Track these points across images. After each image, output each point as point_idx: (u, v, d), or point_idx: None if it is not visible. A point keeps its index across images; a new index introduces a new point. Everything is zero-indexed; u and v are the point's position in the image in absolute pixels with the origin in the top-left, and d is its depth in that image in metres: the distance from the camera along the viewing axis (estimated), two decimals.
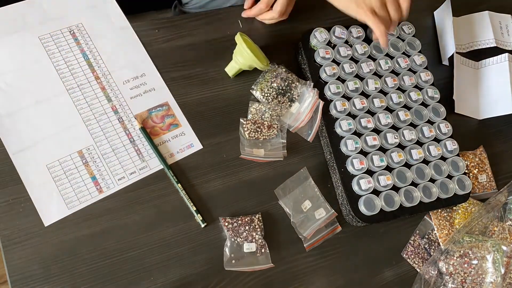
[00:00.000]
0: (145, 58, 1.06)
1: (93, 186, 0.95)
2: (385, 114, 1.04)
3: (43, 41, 1.02)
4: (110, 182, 0.96)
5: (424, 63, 1.11)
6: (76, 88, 1.00)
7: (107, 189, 0.95)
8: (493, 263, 0.96)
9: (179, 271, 0.93)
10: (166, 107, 1.03)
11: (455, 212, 1.07)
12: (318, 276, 0.99)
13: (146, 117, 1.02)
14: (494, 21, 1.28)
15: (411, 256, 1.04)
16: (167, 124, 1.02)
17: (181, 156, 1.00)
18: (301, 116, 1.04)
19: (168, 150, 1.00)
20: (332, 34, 1.08)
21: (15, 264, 0.86)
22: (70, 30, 1.04)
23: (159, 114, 1.02)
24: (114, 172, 0.96)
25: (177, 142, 1.01)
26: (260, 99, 1.06)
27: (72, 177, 0.94)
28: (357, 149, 1.00)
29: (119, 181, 0.96)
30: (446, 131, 1.06)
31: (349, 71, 1.05)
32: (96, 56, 1.03)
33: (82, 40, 1.04)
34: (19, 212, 0.89)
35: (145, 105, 1.02)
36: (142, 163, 0.98)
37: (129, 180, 0.96)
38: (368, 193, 0.98)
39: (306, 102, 1.04)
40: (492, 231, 1.05)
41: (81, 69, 1.02)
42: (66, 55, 1.02)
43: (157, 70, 1.06)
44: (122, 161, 0.97)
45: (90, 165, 0.96)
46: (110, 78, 1.03)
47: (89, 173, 0.95)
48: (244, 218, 0.97)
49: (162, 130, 1.01)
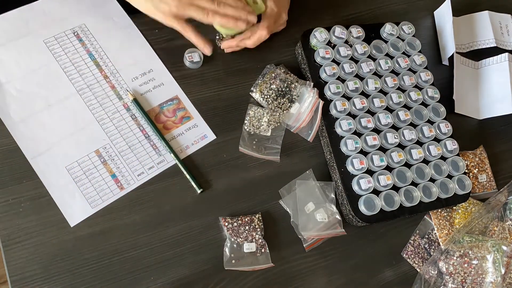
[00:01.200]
0: (151, 54, 1.07)
1: (114, 183, 0.95)
2: (385, 114, 1.04)
3: (48, 44, 1.02)
4: (130, 178, 0.96)
5: (424, 63, 1.11)
6: (86, 88, 1.00)
7: (127, 185, 0.96)
8: (493, 263, 0.96)
9: (179, 271, 0.93)
10: (176, 100, 1.04)
11: (455, 212, 1.07)
12: (318, 276, 0.99)
13: (158, 112, 1.02)
14: (494, 21, 1.28)
15: (411, 256, 1.04)
16: (179, 117, 1.03)
17: (196, 148, 1.01)
18: (301, 116, 1.04)
19: (183, 143, 1.01)
20: (332, 34, 1.08)
21: (15, 264, 0.86)
22: (74, 31, 1.04)
23: (170, 108, 1.03)
24: (133, 168, 0.97)
25: (191, 134, 1.02)
26: (260, 101, 1.06)
27: (92, 176, 0.95)
28: (357, 149, 1.00)
29: (138, 176, 0.97)
30: (446, 131, 1.06)
31: (349, 71, 1.06)
32: (102, 56, 1.04)
33: (87, 40, 1.04)
34: (19, 212, 0.89)
35: (155, 100, 1.03)
36: (159, 158, 0.99)
37: (148, 175, 0.97)
38: (368, 193, 0.98)
39: (306, 102, 1.04)
40: (492, 231, 1.05)
41: (89, 70, 1.02)
42: (73, 57, 1.02)
43: (163, 65, 1.06)
44: (139, 157, 0.98)
45: (108, 163, 0.96)
46: (119, 76, 1.03)
47: (109, 171, 0.96)
48: (244, 218, 0.97)
49: (175, 124, 1.02)
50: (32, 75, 0.99)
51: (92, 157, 0.96)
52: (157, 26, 1.06)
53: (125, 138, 0.99)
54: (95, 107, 1.00)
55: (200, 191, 0.97)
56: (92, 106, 1.00)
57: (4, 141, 0.93)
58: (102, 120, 0.99)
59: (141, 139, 1.00)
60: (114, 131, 0.99)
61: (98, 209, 0.93)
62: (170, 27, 0.98)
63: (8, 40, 1.00)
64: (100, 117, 0.99)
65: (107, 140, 0.98)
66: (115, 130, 0.99)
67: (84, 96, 1.00)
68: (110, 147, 0.97)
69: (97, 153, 0.96)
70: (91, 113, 0.99)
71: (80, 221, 0.91)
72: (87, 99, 1.00)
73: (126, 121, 1.00)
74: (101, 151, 0.97)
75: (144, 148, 0.99)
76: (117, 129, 0.99)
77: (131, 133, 0.99)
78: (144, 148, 0.99)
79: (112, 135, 0.98)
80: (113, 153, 0.97)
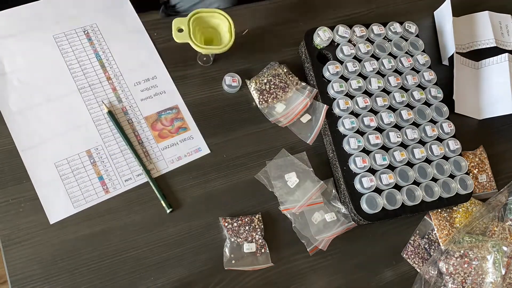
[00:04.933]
0: (157, 61, 1.06)
1: (100, 186, 0.95)
2: (388, 113, 1.04)
3: (57, 40, 1.03)
4: (117, 183, 0.95)
5: (427, 63, 1.11)
6: (88, 87, 1.01)
7: (113, 189, 0.95)
8: (494, 263, 0.97)
9: (179, 271, 0.93)
10: (175, 110, 1.03)
11: (456, 212, 1.07)
12: (318, 276, 0.99)
13: (156, 119, 1.02)
14: (494, 21, 1.28)
15: (411, 256, 1.04)
16: (176, 127, 1.02)
17: (188, 160, 1.00)
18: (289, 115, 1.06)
19: (175, 154, 1.00)
20: (335, 33, 1.08)
21: (15, 264, 0.86)
22: (84, 30, 1.05)
23: (168, 117, 1.03)
24: (121, 173, 0.96)
25: (185, 145, 1.01)
26: (252, 93, 1.07)
27: (80, 176, 0.94)
28: (359, 147, 1.00)
29: (125, 182, 0.96)
30: (448, 130, 1.06)
31: (352, 70, 1.06)
32: (108, 57, 1.04)
33: (96, 40, 1.05)
34: (19, 212, 0.89)
35: (155, 108, 1.03)
36: (149, 165, 0.98)
37: (135, 182, 0.96)
38: (370, 191, 0.98)
39: (294, 103, 1.05)
40: (492, 231, 1.05)
41: (93, 69, 1.02)
42: (79, 55, 1.03)
43: (168, 73, 1.06)
44: (129, 162, 0.97)
45: (98, 165, 0.96)
46: (122, 79, 1.03)
47: (97, 173, 0.95)
48: (244, 218, 0.97)
49: (171, 133, 1.01)
50: (36, 68, 1.00)
51: (83, 156, 0.96)
52: (157, 26, 1.07)
53: (118, 142, 0.98)
54: (93, 107, 0.99)
55: (169, 211, 0.95)
56: (91, 106, 0.99)
57: (4, 141, 0.93)
58: (98, 121, 0.99)
59: (135, 144, 0.99)
60: (109, 133, 0.98)
61: (80, 210, 0.92)
62: None
63: (19, 31, 1.01)
64: (96, 118, 0.99)
65: (100, 142, 0.97)
66: (110, 133, 0.98)
67: (84, 95, 1.00)
68: (102, 149, 0.97)
69: (88, 153, 0.96)
70: (88, 112, 0.99)
71: (60, 219, 0.90)
72: (86, 98, 1.00)
73: (122, 124, 0.99)
74: (92, 152, 0.96)
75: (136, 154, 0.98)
76: (112, 131, 0.99)
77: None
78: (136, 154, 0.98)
79: (106, 137, 0.98)
80: (103, 155, 0.97)
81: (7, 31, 1.01)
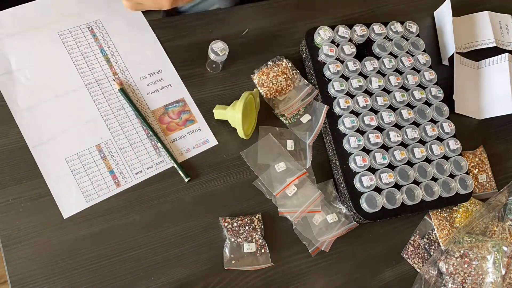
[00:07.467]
0: (161, 55, 1.07)
1: (111, 179, 0.95)
2: (388, 112, 1.04)
3: (62, 36, 1.03)
4: (128, 176, 0.96)
5: (428, 62, 1.11)
6: (94, 83, 1.01)
7: (124, 182, 0.96)
8: (494, 263, 0.97)
9: (179, 271, 0.93)
10: (182, 103, 1.04)
11: (456, 212, 1.07)
12: (318, 276, 0.99)
13: (163, 112, 1.02)
14: (494, 21, 1.28)
15: (411, 256, 1.04)
16: (183, 120, 1.03)
17: (196, 152, 1.01)
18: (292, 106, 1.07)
19: (184, 146, 1.01)
20: (335, 33, 1.08)
21: (15, 264, 0.85)
22: (88, 26, 1.05)
23: (175, 110, 1.03)
24: (132, 166, 0.97)
25: (193, 137, 1.02)
26: (257, 86, 1.07)
27: (91, 170, 0.95)
28: (359, 146, 1.00)
29: (136, 175, 0.97)
30: (449, 130, 1.07)
31: (353, 69, 1.06)
32: (113, 52, 1.04)
33: (100, 36, 1.05)
34: (19, 212, 0.88)
35: (161, 101, 1.03)
36: (159, 158, 0.99)
37: (146, 174, 0.97)
38: (370, 190, 0.98)
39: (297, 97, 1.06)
40: (492, 231, 1.06)
41: (99, 65, 1.03)
42: (85, 51, 1.03)
43: (173, 66, 1.06)
44: (139, 155, 0.98)
45: (108, 159, 0.96)
46: (128, 74, 1.04)
47: (107, 167, 0.96)
48: (244, 218, 0.97)
49: (179, 126, 1.02)
50: (43, 65, 1.00)
51: (93, 151, 0.96)
52: (157, 26, 1.06)
53: (127, 136, 0.99)
54: (101, 102, 1.00)
55: (187, 180, 0.97)
56: (98, 101, 1.00)
57: (4, 141, 0.93)
58: (106, 115, 0.99)
59: (143, 137, 0.99)
60: (117, 128, 0.99)
61: (93, 204, 0.92)
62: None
63: (24, 29, 1.01)
64: (105, 113, 0.99)
65: (109, 136, 0.98)
66: (119, 127, 0.99)
67: (92, 91, 1.00)
68: (112, 143, 0.97)
69: (98, 147, 0.96)
70: (96, 107, 0.99)
71: (74, 213, 0.91)
72: (94, 93, 1.00)
73: (130, 118, 1.00)
74: (102, 146, 0.97)
75: (145, 147, 0.99)
76: (121, 126, 0.99)
77: (134, 131, 0.99)
78: (145, 147, 0.99)
79: (115, 132, 0.98)
80: (113, 150, 0.97)
81: (12, 29, 1.01)
